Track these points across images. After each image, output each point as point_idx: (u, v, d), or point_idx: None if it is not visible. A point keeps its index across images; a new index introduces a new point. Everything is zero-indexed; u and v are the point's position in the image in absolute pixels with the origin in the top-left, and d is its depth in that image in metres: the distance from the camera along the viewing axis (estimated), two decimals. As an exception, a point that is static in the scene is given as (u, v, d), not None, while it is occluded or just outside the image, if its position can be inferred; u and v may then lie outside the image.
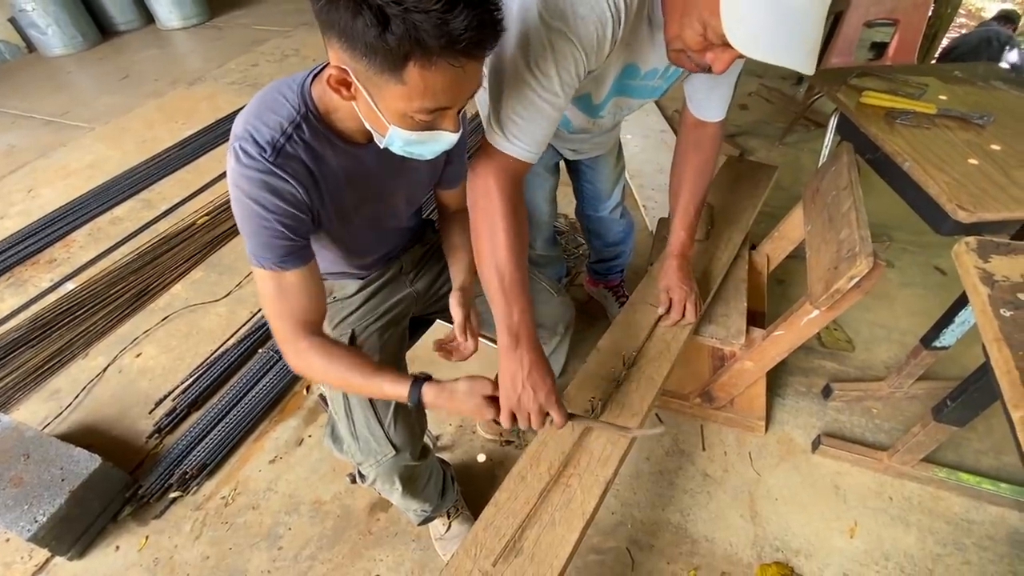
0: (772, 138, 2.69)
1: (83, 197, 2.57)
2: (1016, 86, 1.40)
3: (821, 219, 1.12)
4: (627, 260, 1.70)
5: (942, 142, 1.18)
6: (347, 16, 0.54)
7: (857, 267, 0.91)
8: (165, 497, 1.43)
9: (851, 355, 1.67)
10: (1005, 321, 0.74)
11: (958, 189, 1.04)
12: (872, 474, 1.37)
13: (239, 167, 0.69)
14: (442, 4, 0.53)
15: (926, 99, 1.32)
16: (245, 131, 0.69)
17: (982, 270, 0.81)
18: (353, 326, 1.02)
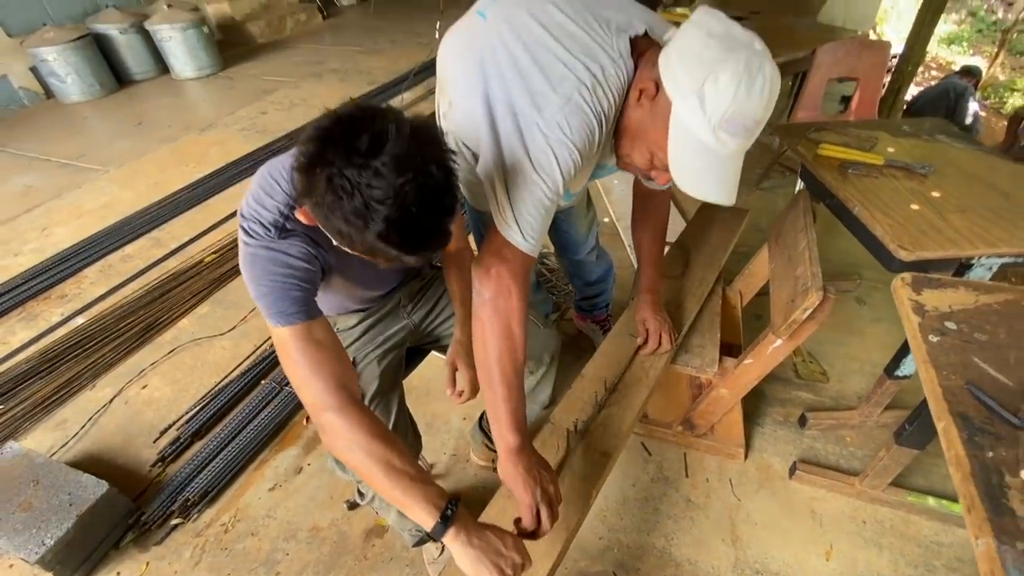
0: (750, 183, 2.86)
1: (96, 235, 2.69)
2: (957, 140, 1.56)
3: (782, 258, 1.24)
4: (610, 297, 1.81)
5: (888, 190, 1.32)
6: (329, 199, 0.62)
7: (809, 299, 1.02)
8: (166, 524, 1.47)
9: (826, 386, 1.76)
10: (932, 346, 0.85)
11: (900, 231, 1.16)
12: (846, 499, 1.44)
13: (250, 243, 0.77)
14: (402, 246, 0.64)
15: (876, 151, 1.47)
16: (251, 214, 0.77)
17: (915, 301, 0.93)
18: (354, 354, 1.10)
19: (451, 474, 1.58)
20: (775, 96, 0.75)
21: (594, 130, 0.83)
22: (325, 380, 0.78)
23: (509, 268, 0.88)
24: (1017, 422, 0.72)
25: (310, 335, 0.79)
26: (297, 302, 0.79)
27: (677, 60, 0.76)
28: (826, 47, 2.31)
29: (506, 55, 0.85)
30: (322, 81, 4.51)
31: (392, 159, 0.60)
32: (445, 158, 0.65)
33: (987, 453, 0.69)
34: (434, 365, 1.89)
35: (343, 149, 0.60)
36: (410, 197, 0.61)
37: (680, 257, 1.52)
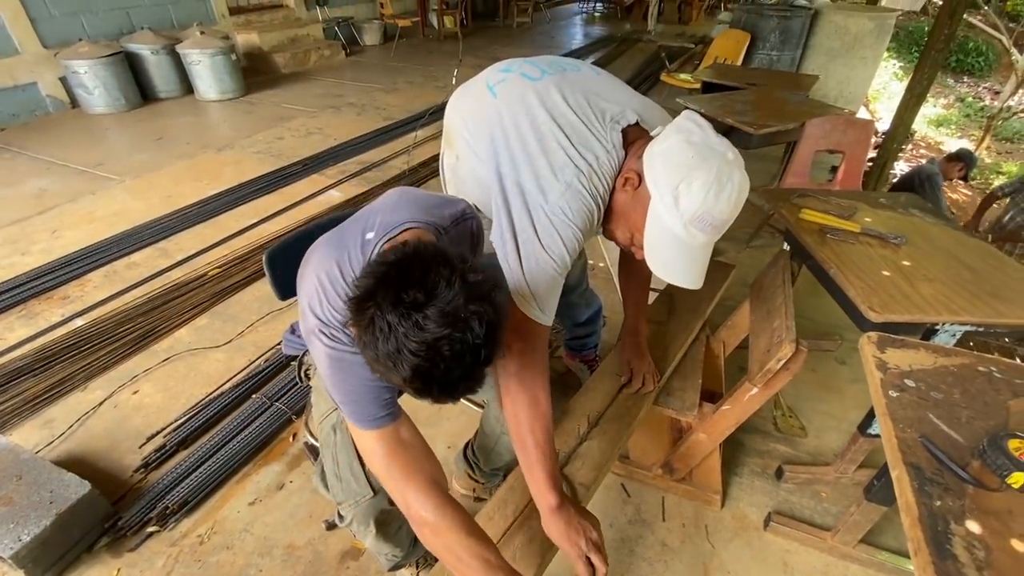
0: (741, 241, 2.98)
1: (104, 241, 2.75)
2: (929, 215, 1.68)
3: (761, 311, 1.32)
4: (598, 338, 1.88)
5: (863, 255, 1.41)
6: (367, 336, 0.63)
7: (783, 350, 1.09)
8: (142, 531, 1.47)
9: (804, 441, 1.80)
10: (892, 400, 0.91)
11: (871, 294, 1.25)
12: (819, 554, 1.46)
13: (335, 349, 0.75)
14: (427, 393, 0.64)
15: (854, 219, 1.58)
16: (331, 322, 0.75)
17: (878, 359, 1.00)
18: None
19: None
20: (742, 199, 0.86)
21: (592, 211, 0.94)
22: (418, 483, 0.80)
23: (530, 342, 0.97)
24: (964, 475, 0.78)
25: (398, 437, 0.81)
26: (387, 405, 0.80)
27: (659, 161, 0.87)
28: (815, 121, 2.48)
29: (516, 135, 0.96)
30: (339, 113, 4.71)
31: (436, 313, 0.60)
32: (493, 316, 0.64)
33: (935, 502, 0.75)
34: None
35: (393, 294, 0.61)
36: (444, 352, 0.61)
37: (666, 304, 1.60)
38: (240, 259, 2.64)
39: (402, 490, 0.80)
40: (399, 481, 0.80)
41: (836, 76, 5.15)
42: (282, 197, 3.26)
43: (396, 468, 0.79)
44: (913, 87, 3.54)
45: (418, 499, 0.79)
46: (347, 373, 0.77)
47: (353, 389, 0.78)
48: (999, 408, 0.89)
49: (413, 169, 3.61)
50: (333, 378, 0.78)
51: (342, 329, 0.76)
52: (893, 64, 10.63)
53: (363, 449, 0.80)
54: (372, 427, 0.79)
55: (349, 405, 0.79)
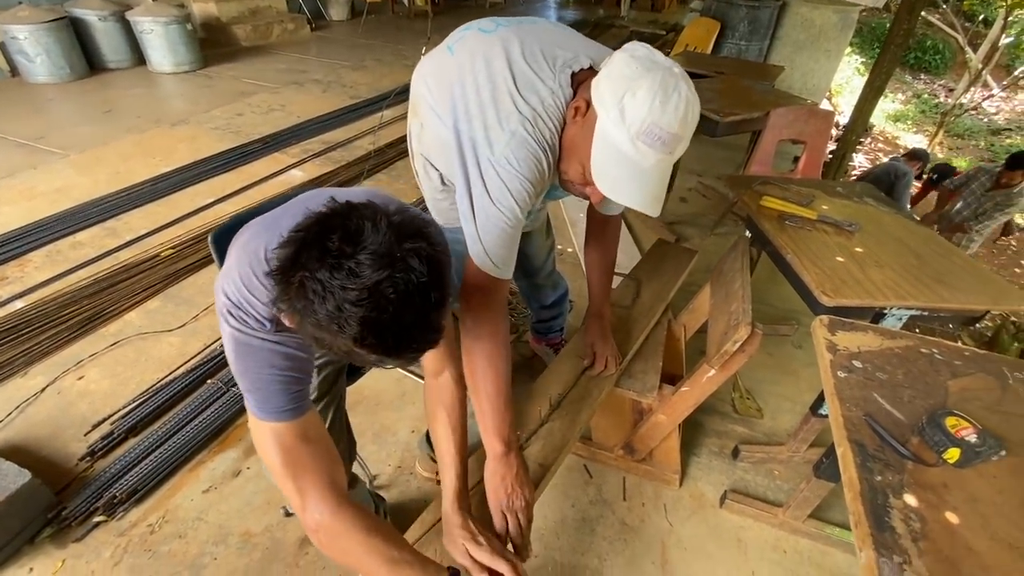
0: (705, 228, 3.04)
1: (46, 219, 2.59)
2: (883, 204, 1.74)
3: (721, 294, 1.34)
4: (564, 321, 1.88)
5: (818, 242, 1.45)
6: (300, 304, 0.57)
7: (739, 332, 1.11)
8: (89, 521, 1.40)
9: (760, 422, 1.86)
10: (840, 380, 0.94)
11: (825, 279, 1.28)
12: (771, 529, 1.51)
13: (243, 332, 0.70)
14: (382, 349, 0.59)
15: (811, 207, 1.62)
16: (239, 301, 0.70)
17: (829, 341, 1.03)
18: None
19: (395, 485, 1.58)
20: (692, 115, 0.83)
21: (540, 159, 0.91)
22: (314, 483, 0.74)
23: (485, 294, 0.96)
24: (904, 452, 0.81)
25: (301, 432, 0.75)
26: (295, 397, 0.74)
27: (603, 79, 0.85)
28: (779, 111, 2.52)
29: (473, 87, 0.93)
30: (303, 89, 4.54)
31: (369, 257, 0.56)
32: (430, 250, 0.60)
33: (876, 477, 0.78)
34: (385, 376, 1.91)
35: (317, 251, 0.57)
36: (388, 295, 0.56)
37: (632, 288, 1.61)
38: (195, 240, 2.53)
39: (296, 490, 0.74)
40: (294, 480, 0.73)
41: (801, 68, 5.26)
42: (241, 176, 3.13)
43: (292, 466, 0.73)
44: (873, 80, 3.65)
45: (313, 501, 0.74)
46: (253, 359, 0.72)
47: (260, 377, 0.72)
48: (939, 388, 0.94)
49: (380, 150, 3.52)
50: (238, 363, 0.73)
51: (251, 313, 0.70)
52: (855, 59, 10.94)
53: (259, 442, 0.74)
54: (275, 419, 0.73)
55: (254, 394, 0.73)
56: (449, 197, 1.16)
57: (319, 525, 0.74)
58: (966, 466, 0.79)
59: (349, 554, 0.75)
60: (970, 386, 0.94)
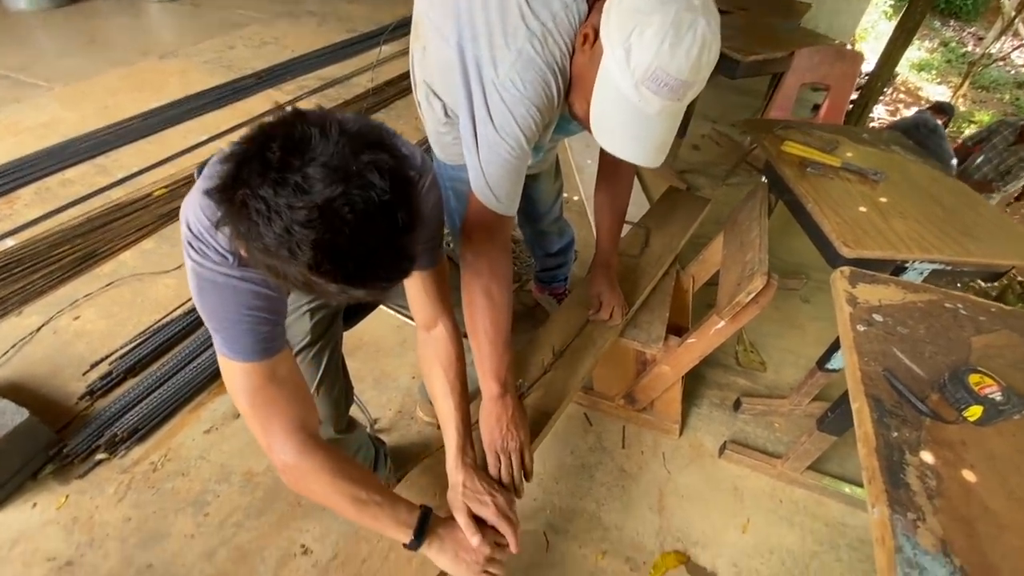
0: (717, 178, 2.93)
1: (33, 155, 2.49)
2: (910, 152, 1.64)
3: (735, 244, 1.28)
4: (569, 270, 1.83)
5: (841, 191, 1.37)
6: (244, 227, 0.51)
7: (753, 283, 1.06)
8: (91, 458, 1.41)
9: (763, 375, 1.85)
10: (859, 334, 0.90)
11: (846, 230, 1.22)
12: (768, 479, 1.53)
13: (203, 266, 0.65)
14: (342, 278, 0.52)
15: (835, 154, 1.52)
16: (200, 232, 0.64)
17: (849, 293, 0.98)
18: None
19: (395, 429, 1.59)
20: (708, 57, 0.72)
21: (549, 82, 0.82)
22: (283, 424, 0.72)
23: (486, 230, 0.91)
24: (923, 408, 0.78)
25: (270, 373, 0.71)
26: (265, 339, 0.69)
27: (615, 8, 0.75)
28: (804, 51, 2.36)
29: (480, 3, 0.83)
30: (298, 22, 4.28)
31: (319, 170, 0.49)
32: (393, 163, 0.53)
33: (892, 433, 0.75)
34: (385, 323, 1.88)
35: (259, 164, 0.49)
36: (345, 215, 0.49)
37: (641, 236, 1.55)
38: (189, 179, 2.44)
39: (263, 431, 0.72)
40: (261, 421, 0.72)
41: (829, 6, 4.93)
42: (235, 113, 2.99)
43: (260, 407, 0.71)
44: (905, 22, 3.41)
45: (279, 442, 0.72)
46: (217, 297, 0.67)
47: (226, 317, 0.67)
48: (962, 344, 0.89)
49: (378, 88, 3.35)
50: (202, 301, 0.67)
51: (212, 245, 0.64)
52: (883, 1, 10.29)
53: (228, 380, 0.71)
54: (242, 359, 0.69)
55: (220, 333, 0.68)
56: (453, 131, 1.08)
57: (285, 465, 0.73)
58: (987, 424, 0.76)
59: (316, 494, 0.75)
60: (994, 343, 0.90)
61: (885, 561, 0.62)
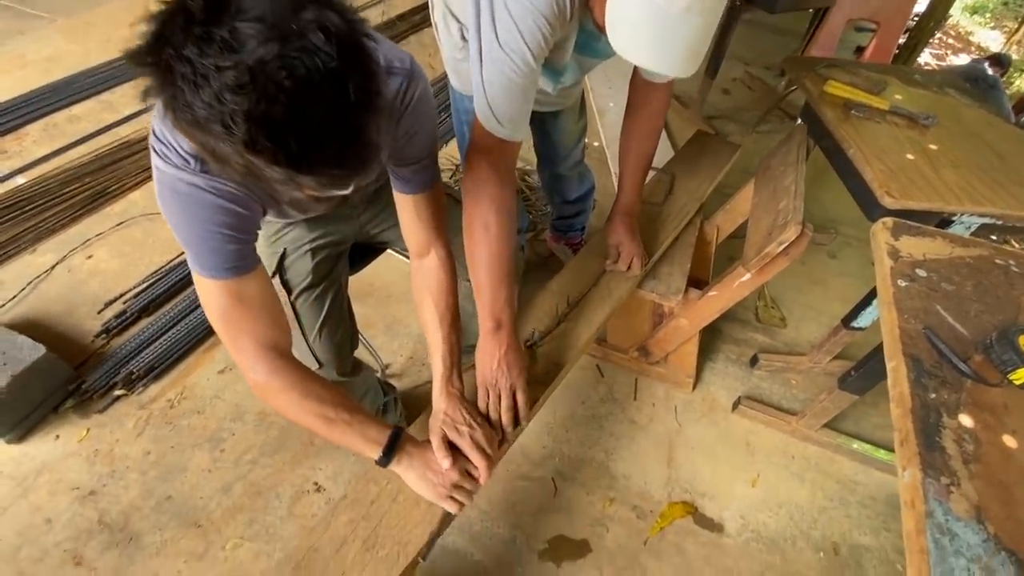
0: (747, 125, 2.76)
1: (39, 91, 2.43)
2: (966, 96, 1.50)
3: (767, 191, 1.20)
4: (587, 219, 1.76)
5: (887, 136, 1.26)
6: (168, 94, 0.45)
7: (786, 233, 0.99)
8: (109, 394, 1.44)
9: (782, 331, 1.79)
10: (899, 289, 0.83)
11: (890, 178, 1.12)
12: (781, 435, 1.51)
13: (166, 171, 0.62)
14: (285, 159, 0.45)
15: (883, 95, 1.40)
16: (163, 134, 0.61)
17: (891, 246, 0.91)
18: (286, 245, 0.99)
19: (406, 375, 1.59)
20: None
21: None
22: (252, 343, 0.72)
23: (487, 157, 0.85)
24: (965, 369, 0.73)
25: (239, 292, 0.70)
26: (231, 257, 0.67)
27: None
28: (854, -18, 2.14)
29: None
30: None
31: (251, 25, 0.42)
32: (344, 26, 0.45)
33: (930, 394, 0.70)
34: (396, 268, 1.84)
35: (182, 18, 0.43)
36: (280, 81, 0.42)
37: (665, 183, 1.46)
38: (196, 118, 2.37)
39: (234, 348, 0.73)
40: (231, 338, 0.72)
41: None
42: (241, 48, 2.86)
43: (230, 325, 0.71)
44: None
45: (249, 360, 0.73)
46: (182, 208, 0.63)
47: (192, 231, 0.65)
48: (1012, 303, 0.83)
49: (390, 22, 3.16)
50: (167, 211, 0.64)
51: (173, 147, 0.60)
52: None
53: (199, 294, 0.71)
54: (210, 276, 0.68)
55: (188, 248, 0.67)
56: (469, 56, 0.99)
57: (255, 383, 0.75)
58: (1034, 388, 0.71)
59: (285, 411, 0.76)
60: (1047, 302, 0.83)
61: (913, 525, 0.59)
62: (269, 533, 1.24)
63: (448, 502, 0.80)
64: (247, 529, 1.25)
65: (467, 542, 1.25)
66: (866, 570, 1.28)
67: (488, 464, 0.81)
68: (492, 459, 0.83)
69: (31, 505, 1.25)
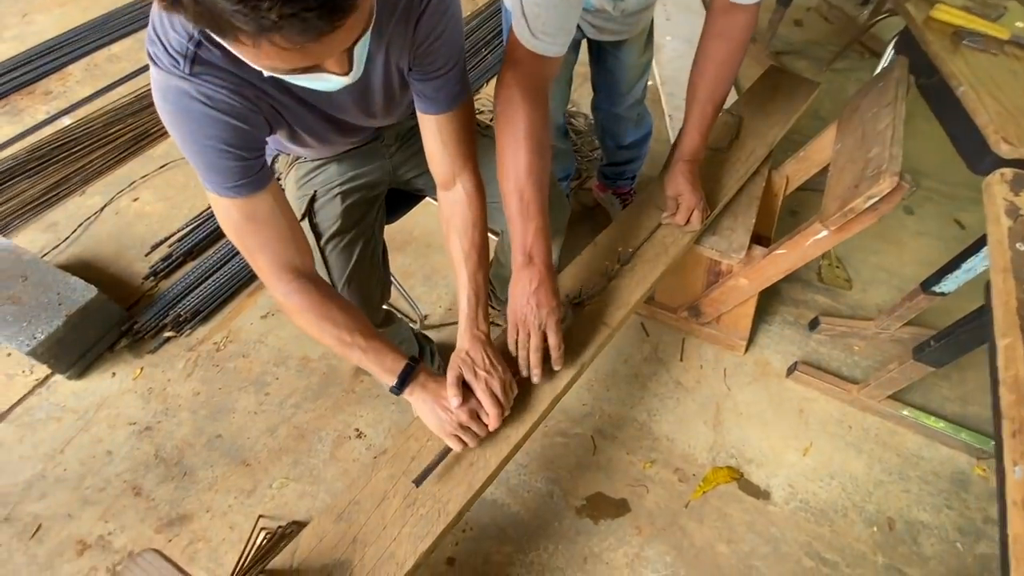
0: (821, 61, 2.48)
1: (79, 28, 2.41)
2: (1105, 22, 1.26)
3: (854, 137, 1.05)
4: (640, 167, 1.63)
5: (1005, 71, 1.07)
6: None
7: (879, 185, 0.86)
8: (159, 335, 1.48)
9: (846, 294, 1.66)
10: (1017, 254, 0.71)
11: (1008, 122, 0.96)
12: (838, 404, 1.42)
13: (157, 76, 0.59)
14: None
15: (1002, 22, 1.18)
16: (155, 34, 0.57)
17: (1010, 202, 0.77)
18: (316, 187, 0.95)
19: (445, 326, 1.56)
20: None
21: None
22: (267, 263, 0.73)
23: (519, 73, 0.78)
24: (1094, 350, 0.62)
25: (250, 211, 0.68)
26: (232, 174, 0.65)
27: None
28: None
29: None
30: None
31: None
32: None
33: (1049, 378, 0.60)
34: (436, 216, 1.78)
35: None
36: None
37: (731, 127, 1.32)
38: (232, 56, 2.31)
39: (252, 265, 0.74)
40: (248, 256, 0.73)
41: None
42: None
43: (243, 243, 0.71)
44: None
45: (266, 278, 0.74)
46: (172, 114, 0.60)
47: (193, 145, 0.62)
48: None
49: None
50: (166, 119, 0.62)
51: (163, 44, 0.56)
52: None
53: (215, 210, 0.70)
54: (217, 193, 0.67)
55: (192, 162, 0.65)
56: None
57: (277, 301, 0.76)
58: None
59: (307, 331, 0.77)
60: None
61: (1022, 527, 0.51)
62: (312, 475, 1.28)
63: (452, 439, 0.79)
64: (292, 470, 1.28)
65: (504, 494, 1.25)
66: (923, 547, 1.21)
67: (498, 412, 0.79)
68: (503, 408, 0.80)
69: (92, 437, 1.32)
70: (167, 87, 0.59)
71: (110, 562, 1.15)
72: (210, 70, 0.58)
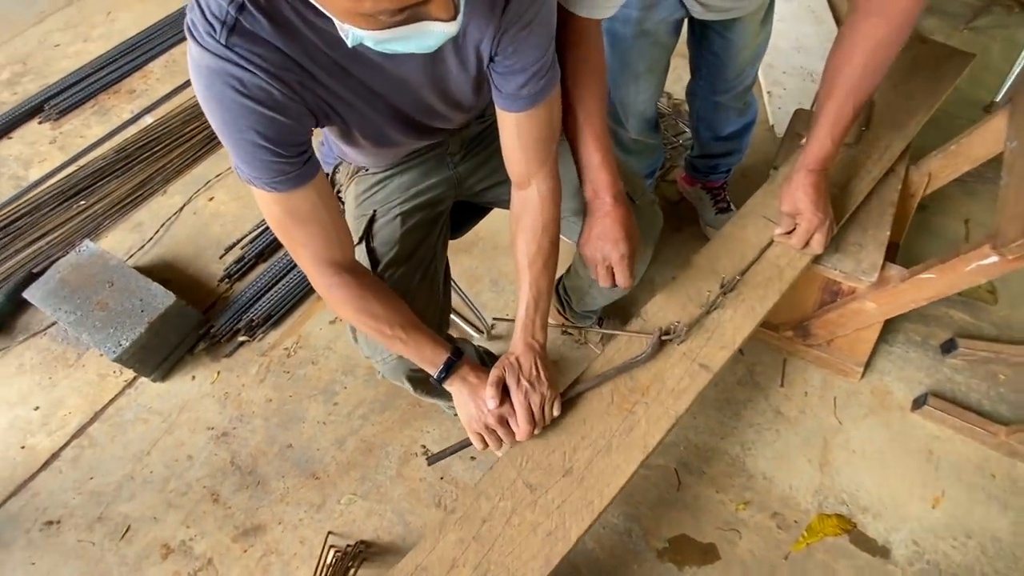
0: (957, 18, 2.08)
1: (158, 24, 2.47)
2: None
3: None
4: (739, 160, 1.42)
5: None
6: None
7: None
8: (234, 340, 1.50)
9: (991, 308, 1.39)
10: None
11: None
12: (977, 446, 1.19)
13: (193, 50, 0.53)
14: None
15: None
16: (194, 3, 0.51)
17: None
18: (376, 206, 0.88)
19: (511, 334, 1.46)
20: None
21: None
22: (308, 257, 0.71)
23: (567, 31, 0.73)
24: None
25: (289, 207, 0.65)
26: (272, 171, 0.60)
27: None
28: None
29: None
30: None
31: None
32: None
33: None
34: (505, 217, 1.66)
35: None
36: None
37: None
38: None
39: (295, 255, 0.73)
40: (289, 249, 0.72)
41: None
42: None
43: (284, 236, 0.70)
44: None
45: (308, 271, 0.73)
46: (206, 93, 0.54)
47: (230, 135, 0.57)
48: None
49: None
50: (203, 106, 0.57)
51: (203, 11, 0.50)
52: None
53: (255, 198, 0.66)
54: (256, 187, 0.63)
55: (230, 151, 0.60)
56: None
57: (318, 290, 0.76)
58: None
59: (349, 321, 0.79)
60: None
61: None
62: (379, 492, 1.25)
63: (476, 437, 0.79)
64: (359, 486, 1.26)
65: (578, 528, 1.16)
66: (1090, 633, 1.00)
67: (528, 429, 0.77)
68: (535, 425, 0.78)
69: (175, 440, 1.36)
70: (200, 65, 0.53)
71: (191, 568, 1.18)
72: (250, 42, 0.52)
